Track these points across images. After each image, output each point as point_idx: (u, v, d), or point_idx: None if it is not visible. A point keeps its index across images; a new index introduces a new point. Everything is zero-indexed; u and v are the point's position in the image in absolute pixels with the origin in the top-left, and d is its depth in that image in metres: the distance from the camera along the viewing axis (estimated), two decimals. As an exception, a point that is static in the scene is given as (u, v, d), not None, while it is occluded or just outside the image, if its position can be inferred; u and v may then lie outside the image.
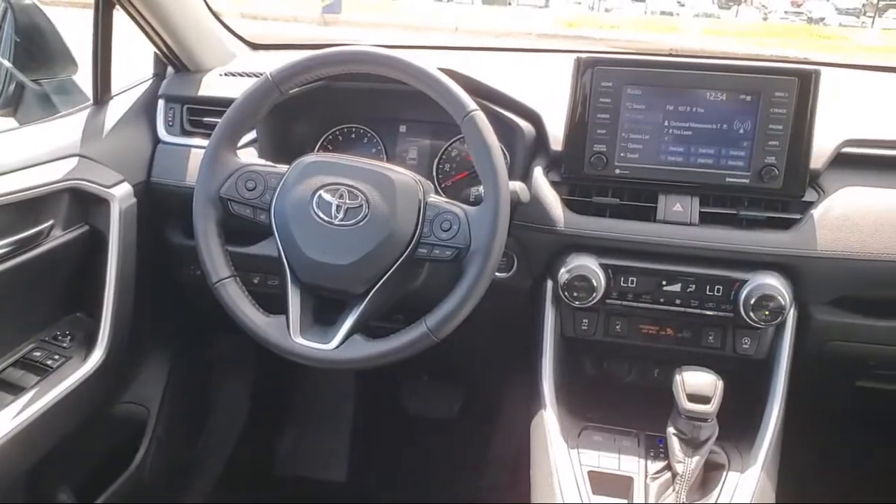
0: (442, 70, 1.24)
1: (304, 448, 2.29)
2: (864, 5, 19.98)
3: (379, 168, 1.25)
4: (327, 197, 1.22)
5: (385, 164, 1.28)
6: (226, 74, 1.72)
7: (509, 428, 2.14)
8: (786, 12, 21.47)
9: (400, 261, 1.22)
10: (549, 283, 1.45)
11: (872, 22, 18.75)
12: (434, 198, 1.26)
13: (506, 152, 1.51)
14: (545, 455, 1.30)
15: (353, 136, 1.68)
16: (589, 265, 1.36)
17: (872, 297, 1.38)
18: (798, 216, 1.35)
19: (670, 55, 1.74)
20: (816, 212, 1.34)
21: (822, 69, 1.33)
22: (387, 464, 2.26)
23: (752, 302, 1.30)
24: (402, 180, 1.24)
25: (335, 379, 2.31)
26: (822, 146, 1.36)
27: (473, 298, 1.19)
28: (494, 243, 1.18)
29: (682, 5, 21.63)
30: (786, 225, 1.35)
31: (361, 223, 1.21)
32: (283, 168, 1.28)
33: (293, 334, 1.23)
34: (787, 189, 1.34)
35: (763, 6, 22.24)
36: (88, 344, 1.49)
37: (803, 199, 1.36)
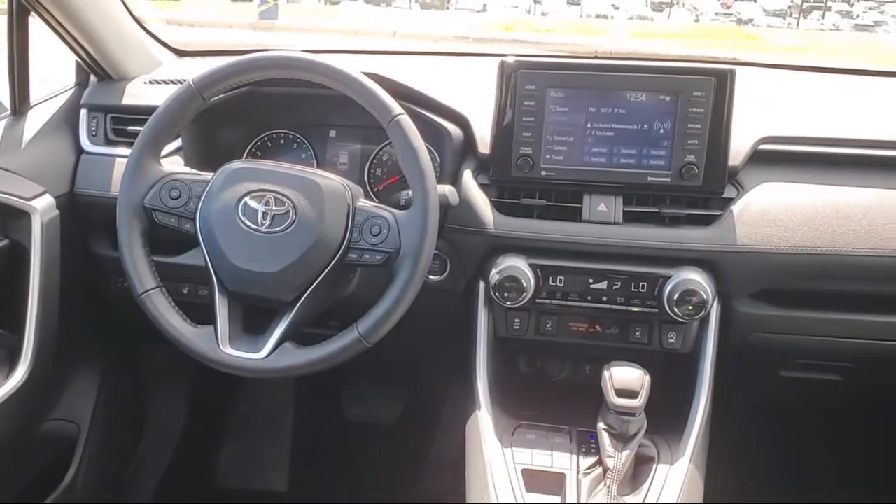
0: (367, 74, 1.24)
1: (244, 458, 2.26)
2: (789, 7, 20.68)
3: (306, 173, 1.24)
4: (253, 204, 1.21)
5: (312, 170, 1.27)
6: (150, 82, 1.69)
7: (450, 429, 2.15)
8: (716, 13, 22.05)
9: (329, 267, 1.21)
10: (482, 285, 1.47)
11: (797, 22, 19.41)
12: (363, 202, 1.26)
13: (435, 155, 1.53)
14: (479, 455, 1.31)
15: (282, 141, 1.67)
16: (518, 266, 1.38)
17: (791, 289, 1.43)
18: (718, 212, 1.39)
19: (595, 57, 1.77)
20: (736, 208, 1.38)
21: (740, 68, 1.37)
22: (328, 471, 2.25)
23: (675, 297, 1.34)
24: (330, 185, 1.24)
25: (274, 387, 2.29)
26: (740, 144, 1.40)
27: (405, 302, 1.19)
28: (424, 246, 1.19)
29: (617, 8, 22.05)
30: (707, 221, 1.39)
31: (289, 229, 1.20)
32: (208, 176, 1.27)
33: (222, 344, 1.21)
34: (707, 186, 1.38)
35: (694, 8, 22.81)
36: (11, 361, 1.44)
37: (723, 195, 1.40)
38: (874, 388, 1.68)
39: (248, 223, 1.21)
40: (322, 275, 1.21)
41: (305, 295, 1.22)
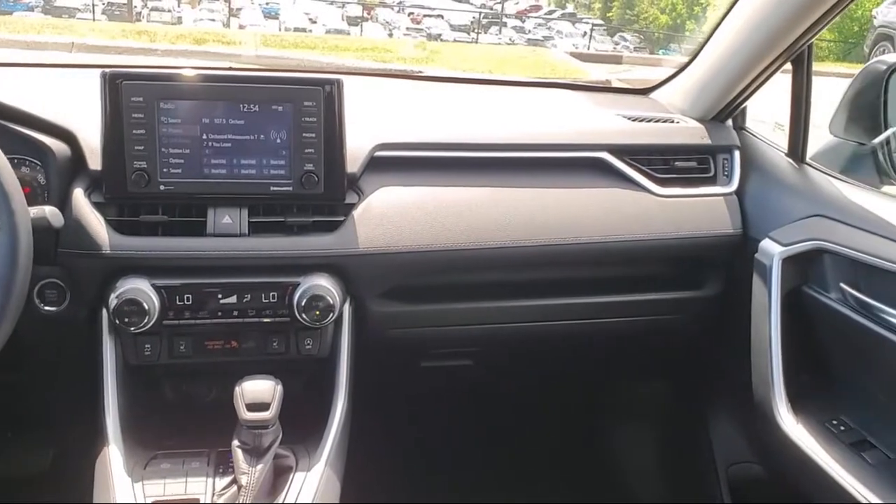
0: None
1: None
2: (472, 22, 22.44)
3: None
4: None
5: None
6: None
7: None
8: (408, 28, 23.24)
9: None
10: (105, 311, 1.37)
11: (477, 37, 21.13)
12: None
13: (45, 173, 1.40)
14: (106, 494, 1.22)
15: None
16: (139, 287, 1.30)
17: (416, 285, 1.51)
18: (342, 218, 1.43)
19: (230, 69, 1.75)
20: (356, 212, 1.43)
21: (363, 78, 1.42)
22: None
23: (303, 303, 1.35)
24: None
25: None
26: (358, 151, 1.45)
27: None
28: (15, 277, 1.09)
29: (314, 22, 22.34)
30: (332, 228, 1.42)
31: None
32: None
33: None
34: (328, 194, 1.41)
35: (388, 23, 23.84)
36: None
37: (346, 202, 1.44)
38: (499, 367, 1.84)
39: None
40: None
41: None
